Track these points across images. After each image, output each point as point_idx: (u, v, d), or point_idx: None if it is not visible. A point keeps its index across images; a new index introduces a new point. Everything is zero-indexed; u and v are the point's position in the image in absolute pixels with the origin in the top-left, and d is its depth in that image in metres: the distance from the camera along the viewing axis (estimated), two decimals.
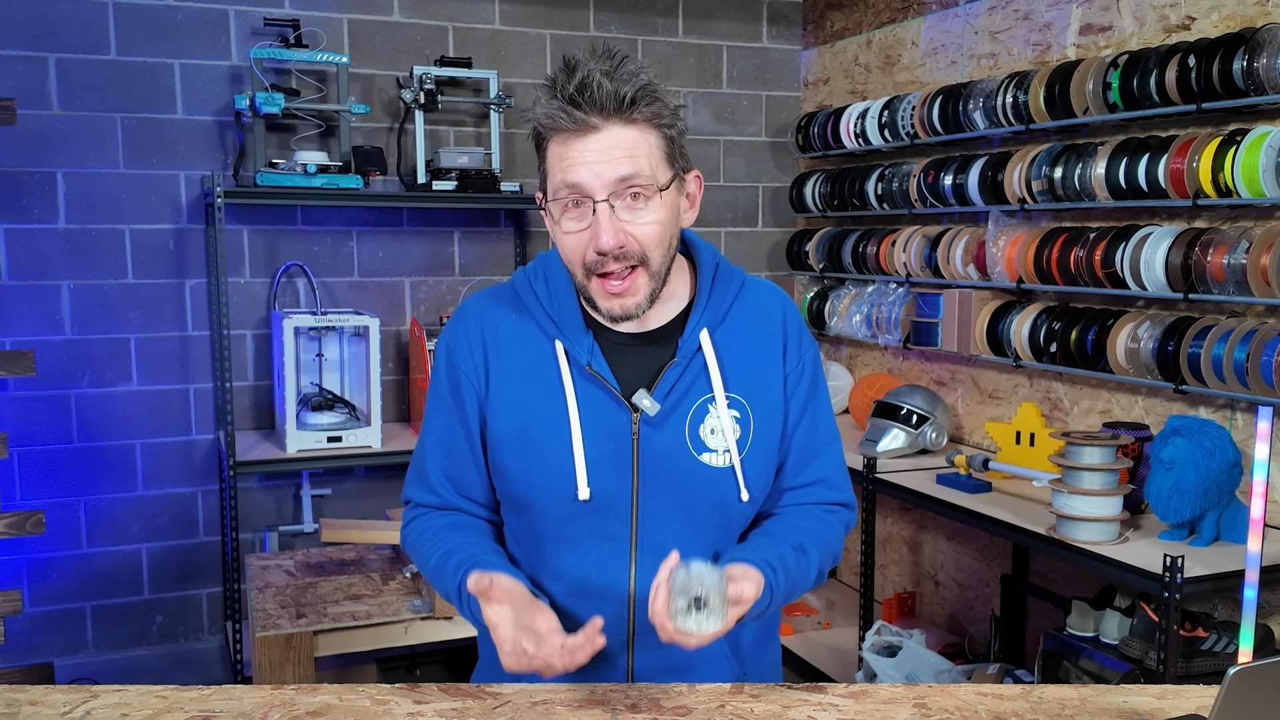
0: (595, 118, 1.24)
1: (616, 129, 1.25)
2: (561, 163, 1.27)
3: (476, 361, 1.39)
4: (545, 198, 1.33)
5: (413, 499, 1.47)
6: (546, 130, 1.27)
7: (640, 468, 1.34)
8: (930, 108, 3.44)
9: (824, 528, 1.42)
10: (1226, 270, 2.51)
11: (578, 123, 1.24)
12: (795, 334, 1.44)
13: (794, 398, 1.42)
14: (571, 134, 1.25)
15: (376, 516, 3.80)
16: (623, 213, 1.26)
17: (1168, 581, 2.21)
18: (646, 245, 1.28)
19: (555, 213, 1.29)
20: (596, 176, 1.25)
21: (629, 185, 1.26)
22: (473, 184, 3.62)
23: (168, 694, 1.27)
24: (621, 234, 1.26)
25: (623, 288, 1.29)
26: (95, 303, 3.51)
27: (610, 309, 1.31)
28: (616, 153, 1.25)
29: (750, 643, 1.44)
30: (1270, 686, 0.97)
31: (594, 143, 1.25)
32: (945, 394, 3.68)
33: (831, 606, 4.06)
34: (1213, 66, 2.51)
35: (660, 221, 1.29)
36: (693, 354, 1.37)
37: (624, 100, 1.24)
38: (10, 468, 3.43)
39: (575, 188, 1.26)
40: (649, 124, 1.27)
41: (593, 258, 1.27)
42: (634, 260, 1.28)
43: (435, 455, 1.43)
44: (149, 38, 3.49)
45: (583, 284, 1.31)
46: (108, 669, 3.58)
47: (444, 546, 1.37)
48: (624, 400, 1.34)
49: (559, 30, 4.02)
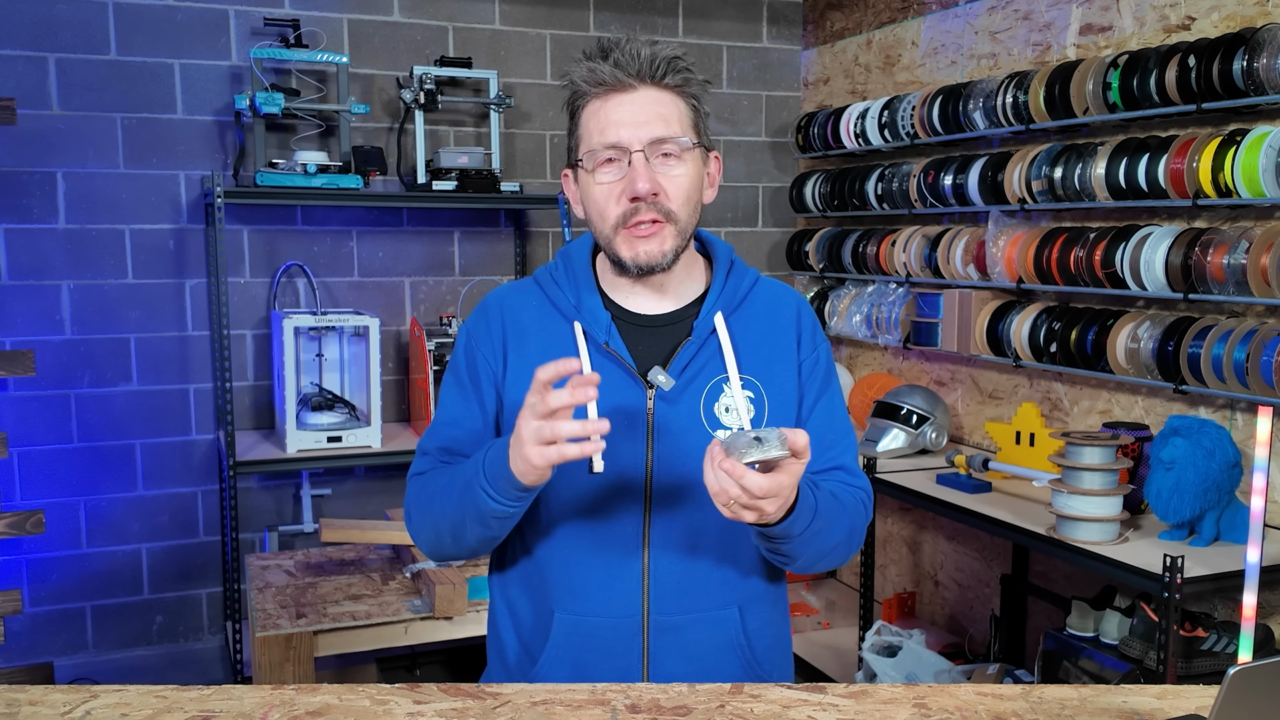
0: (631, 78, 1.33)
1: (650, 90, 1.34)
2: (599, 122, 1.34)
3: (495, 345, 1.43)
4: (576, 160, 1.38)
5: (419, 470, 1.46)
6: (585, 88, 1.35)
7: (655, 443, 1.36)
8: (930, 108, 3.44)
9: (847, 492, 1.43)
10: (1226, 270, 2.51)
11: (616, 80, 1.32)
12: (810, 328, 1.48)
13: (809, 386, 1.45)
14: (609, 92, 1.34)
15: (376, 516, 3.80)
16: (656, 165, 1.34)
17: (1168, 581, 2.21)
18: (675, 199, 1.35)
19: (589, 166, 1.35)
20: (633, 133, 1.32)
21: (662, 144, 1.33)
22: (473, 184, 3.62)
23: (168, 694, 1.27)
24: (655, 181, 1.33)
25: (650, 232, 1.34)
26: (95, 303, 3.51)
27: (635, 255, 1.35)
28: (651, 113, 1.33)
29: (760, 629, 1.45)
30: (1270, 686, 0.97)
31: (630, 103, 1.33)
32: (945, 394, 3.68)
33: (831, 606, 4.06)
34: (1213, 66, 2.51)
35: (689, 176, 1.36)
36: (708, 335, 1.41)
37: (658, 65, 1.33)
38: (10, 468, 3.43)
39: (615, 145, 1.33)
40: (679, 91, 1.36)
41: (625, 207, 1.33)
42: (662, 212, 1.34)
43: (449, 438, 1.44)
44: (149, 38, 3.49)
45: (609, 238, 1.36)
46: (108, 669, 3.58)
47: (450, 470, 1.38)
48: (640, 377, 1.38)
49: (559, 30, 4.02)
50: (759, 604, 1.44)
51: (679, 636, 1.38)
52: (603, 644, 1.37)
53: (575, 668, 1.38)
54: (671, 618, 1.38)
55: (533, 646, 1.42)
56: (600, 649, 1.37)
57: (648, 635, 1.38)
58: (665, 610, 1.38)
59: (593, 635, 1.37)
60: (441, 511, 1.37)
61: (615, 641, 1.37)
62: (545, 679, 1.39)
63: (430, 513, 1.39)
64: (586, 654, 1.38)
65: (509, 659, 1.45)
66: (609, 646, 1.37)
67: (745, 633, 1.42)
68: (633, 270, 1.36)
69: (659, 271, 1.37)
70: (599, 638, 1.37)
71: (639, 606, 1.37)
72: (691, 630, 1.39)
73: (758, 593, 1.44)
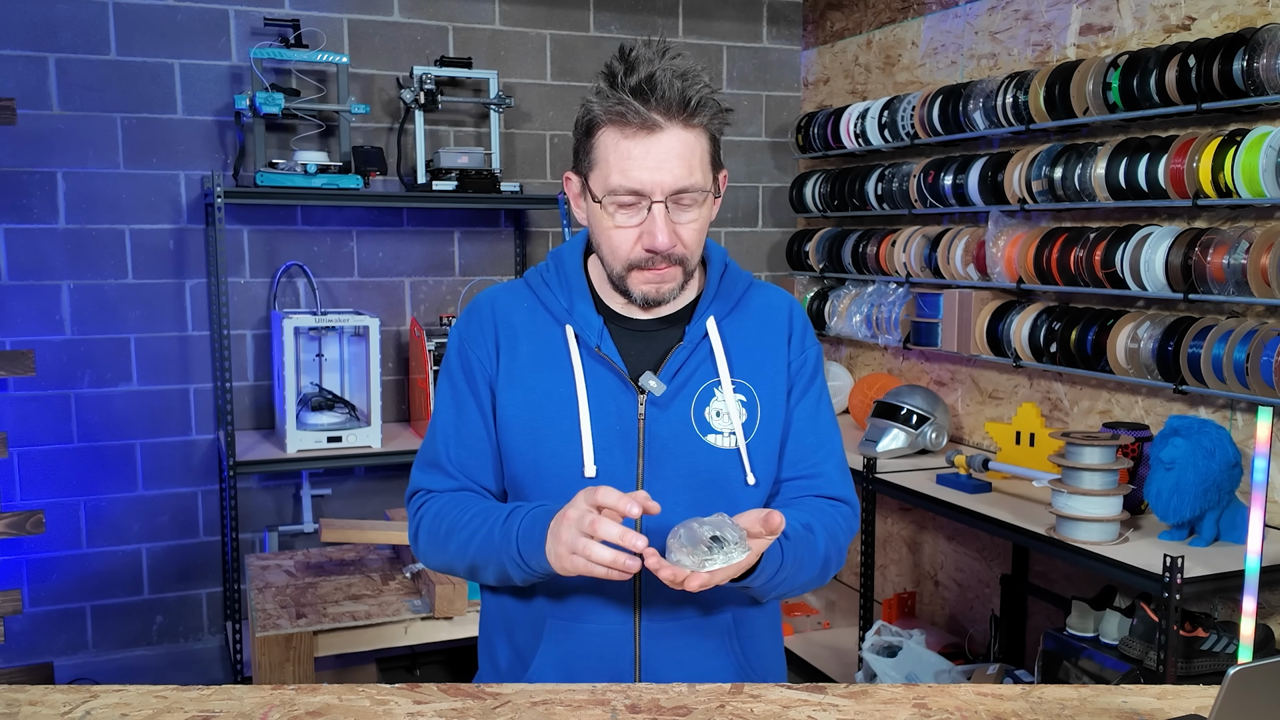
0: (659, 116, 1.27)
1: (677, 130, 1.29)
2: (620, 160, 1.29)
3: (488, 346, 1.42)
4: (586, 181, 1.35)
5: (423, 486, 1.45)
6: (606, 120, 1.30)
7: (646, 448, 1.36)
8: (930, 108, 3.44)
9: (827, 516, 1.42)
10: (1226, 270, 2.51)
11: (643, 119, 1.27)
12: (800, 328, 1.48)
13: (796, 383, 1.45)
14: (635, 129, 1.28)
15: (376, 516, 3.80)
16: (674, 213, 1.32)
17: (1168, 582, 2.21)
18: (689, 246, 1.34)
19: (607, 206, 1.32)
20: (656, 182, 1.29)
21: (684, 195, 1.31)
22: (473, 184, 3.62)
23: (168, 694, 1.27)
24: (673, 235, 1.31)
25: (662, 274, 1.34)
26: (95, 303, 3.51)
27: (646, 293, 1.35)
28: (675, 159, 1.29)
29: (753, 634, 1.45)
30: (1270, 686, 0.97)
31: (655, 145, 1.28)
32: (945, 394, 3.68)
33: (831, 606, 4.06)
34: (1213, 66, 2.51)
35: (702, 222, 1.35)
36: (700, 339, 1.40)
37: (689, 104, 1.28)
38: (10, 468, 3.43)
39: (636, 191, 1.29)
40: (704, 129, 1.32)
41: (640, 255, 1.32)
42: (676, 260, 1.33)
43: (448, 442, 1.43)
44: (149, 38, 3.49)
45: (620, 274, 1.35)
46: (108, 669, 3.58)
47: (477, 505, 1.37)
48: (631, 382, 1.37)
49: (559, 30, 4.02)
50: (751, 608, 1.44)
51: (672, 641, 1.38)
52: (595, 649, 1.37)
53: (568, 672, 1.37)
54: (664, 623, 1.38)
55: (525, 651, 1.41)
56: (593, 654, 1.37)
57: (639, 640, 1.38)
58: (658, 615, 1.37)
59: (586, 640, 1.37)
60: (459, 554, 1.36)
61: (608, 646, 1.37)
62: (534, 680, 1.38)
63: (445, 550, 1.38)
64: (579, 659, 1.37)
65: (500, 664, 1.45)
66: (601, 651, 1.36)
67: (738, 637, 1.42)
68: (640, 304, 1.37)
69: (665, 304, 1.39)
70: (592, 643, 1.37)
71: (631, 611, 1.37)
72: (684, 635, 1.38)
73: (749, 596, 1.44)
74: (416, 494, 1.46)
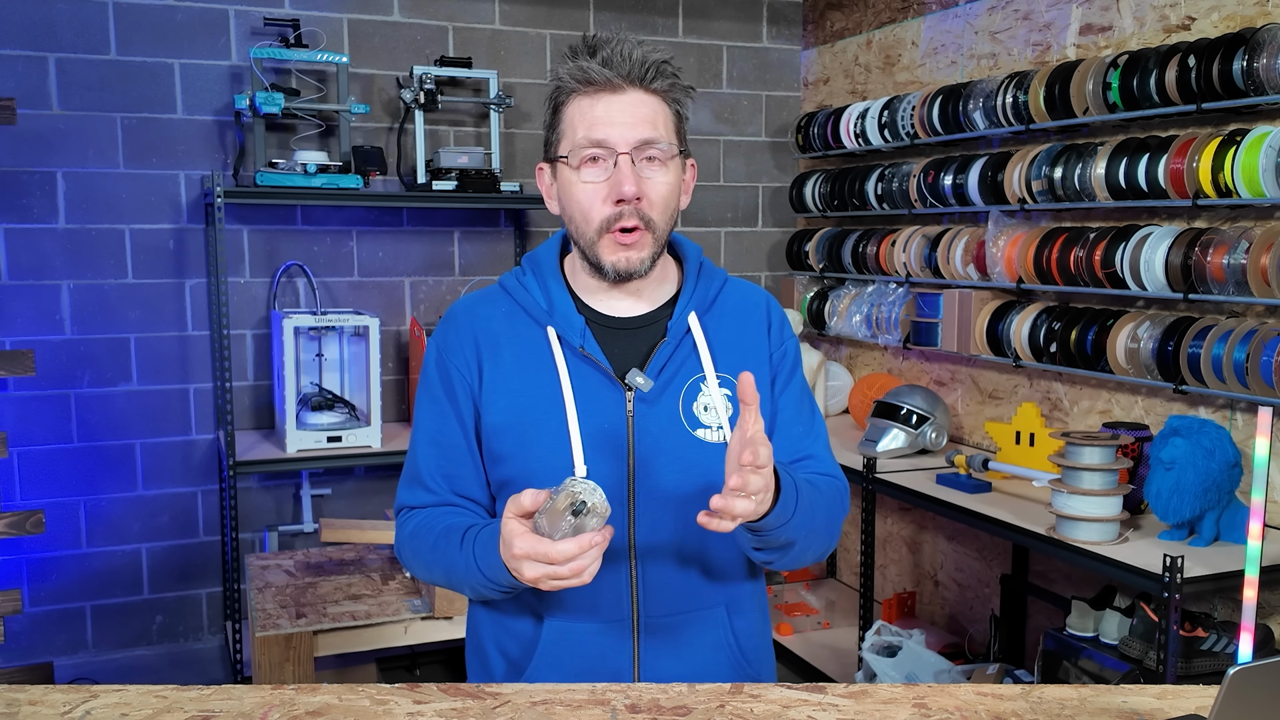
0: (620, 79, 1.32)
1: (638, 93, 1.33)
2: (586, 119, 1.33)
3: (468, 357, 1.41)
4: (556, 156, 1.37)
5: (407, 504, 1.46)
6: (573, 85, 1.34)
7: (636, 445, 1.36)
8: (930, 108, 3.44)
9: (821, 480, 1.42)
10: (1226, 270, 2.51)
11: (606, 79, 1.32)
12: (778, 321, 1.50)
13: (779, 374, 1.46)
14: (598, 90, 1.33)
15: (376, 516, 3.80)
16: (641, 168, 1.33)
17: (1167, 581, 2.21)
18: (655, 206, 1.35)
19: (574, 162, 1.34)
20: (621, 134, 1.32)
21: (648, 148, 1.33)
22: (473, 184, 3.62)
23: (167, 694, 1.27)
24: (639, 185, 1.32)
25: (632, 239, 1.34)
26: (95, 302, 3.51)
27: (616, 261, 1.35)
28: (638, 115, 1.33)
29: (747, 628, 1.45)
30: (1270, 686, 0.97)
31: (618, 103, 1.32)
32: (945, 394, 3.68)
33: (831, 606, 4.06)
34: (1213, 66, 2.51)
35: (670, 184, 1.36)
36: (682, 335, 1.41)
37: (647, 68, 1.33)
38: (10, 468, 3.43)
39: (601, 143, 1.32)
40: (665, 96, 1.36)
41: (610, 210, 1.33)
42: (642, 219, 1.34)
43: (428, 456, 1.43)
44: (149, 38, 3.49)
45: (592, 240, 1.35)
46: (107, 669, 3.58)
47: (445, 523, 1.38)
48: (617, 379, 1.37)
49: (559, 30, 4.02)
50: (744, 601, 1.45)
51: (670, 637, 1.38)
52: (594, 647, 1.37)
53: (565, 672, 1.37)
54: (661, 619, 1.38)
55: (520, 654, 1.41)
56: (591, 652, 1.37)
57: (638, 637, 1.38)
58: (655, 611, 1.37)
59: (583, 639, 1.37)
60: (441, 575, 1.38)
61: (606, 645, 1.37)
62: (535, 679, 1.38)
63: (430, 571, 1.40)
64: (577, 658, 1.37)
65: (492, 667, 1.44)
66: (600, 650, 1.36)
67: (733, 631, 1.43)
68: (611, 276, 1.36)
69: (636, 278, 1.37)
70: (590, 641, 1.37)
71: (629, 608, 1.37)
72: (682, 630, 1.39)
73: (743, 590, 1.45)
74: (401, 511, 1.47)
